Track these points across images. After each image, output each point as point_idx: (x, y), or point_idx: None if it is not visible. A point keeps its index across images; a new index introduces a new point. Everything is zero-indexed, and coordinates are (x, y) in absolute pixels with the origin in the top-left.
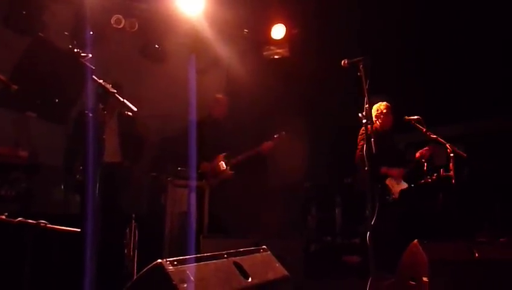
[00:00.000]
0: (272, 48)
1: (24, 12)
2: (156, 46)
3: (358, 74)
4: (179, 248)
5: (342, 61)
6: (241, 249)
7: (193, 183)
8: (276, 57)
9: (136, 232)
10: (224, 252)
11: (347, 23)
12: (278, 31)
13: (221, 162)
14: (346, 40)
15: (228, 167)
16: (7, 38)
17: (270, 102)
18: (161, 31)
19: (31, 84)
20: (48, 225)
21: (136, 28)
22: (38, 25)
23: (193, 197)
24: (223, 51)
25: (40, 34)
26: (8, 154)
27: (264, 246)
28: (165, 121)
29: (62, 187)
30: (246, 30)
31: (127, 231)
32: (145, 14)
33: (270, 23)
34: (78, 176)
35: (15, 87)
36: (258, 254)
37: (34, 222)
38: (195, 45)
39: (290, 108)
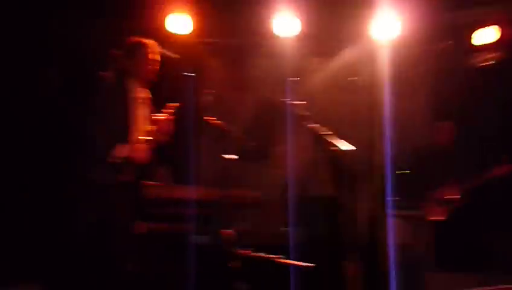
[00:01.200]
0: (480, 54)
1: (239, 72)
2: (353, 78)
3: None
4: (404, 283)
5: None
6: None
7: (413, 213)
8: (487, 63)
9: (358, 266)
10: None
11: None
12: (488, 34)
13: (452, 189)
14: None
15: (460, 195)
16: (232, 98)
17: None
18: (357, 65)
19: (260, 137)
20: (282, 260)
21: (334, 66)
22: (252, 81)
23: (414, 228)
24: (425, 70)
25: (263, 93)
26: (241, 195)
27: (505, 285)
28: (373, 151)
29: (283, 220)
30: (450, 41)
31: (349, 264)
32: (340, 52)
33: (477, 27)
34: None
35: (251, 143)
36: None
37: (270, 256)
38: (393, 71)
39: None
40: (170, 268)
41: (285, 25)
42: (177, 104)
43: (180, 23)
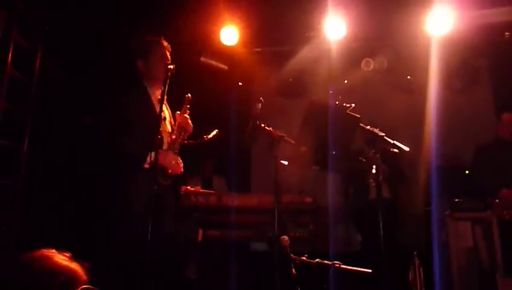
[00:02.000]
0: None
1: (290, 80)
2: (408, 77)
3: None
4: (471, 289)
5: None
6: None
7: (476, 215)
8: None
9: (421, 270)
10: None
11: None
12: None
13: None
14: None
15: None
16: (280, 103)
17: None
18: (409, 62)
19: (313, 142)
20: (342, 266)
21: (385, 66)
22: (302, 87)
23: (478, 230)
24: (483, 62)
25: (312, 97)
26: (297, 202)
27: None
28: (430, 150)
29: (344, 226)
30: (507, 33)
31: (410, 269)
32: (393, 50)
33: None
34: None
35: (304, 148)
36: None
37: (330, 263)
38: (449, 65)
39: None
40: (227, 275)
41: (334, 27)
42: (189, 95)
43: (229, 35)
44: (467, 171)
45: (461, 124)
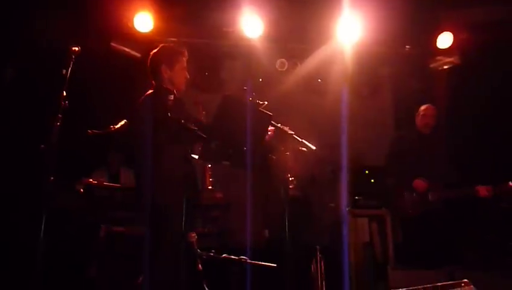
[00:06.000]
0: (439, 58)
1: (206, 73)
2: (319, 80)
3: None
4: (366, 280)
5: None
6: (439, 284)
7: (373, 212)
8: (445, 67)
9: (322, 264)
10: (421, 287)
11: None
12: (445, 40)
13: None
14: None
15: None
16: (195, 97)
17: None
18: (321, 66)
19: (224, 138)
20: (248, 261)
21: (299, 67)
22: (218, 82)
23: (374, 226)
24: (386, 71)
25: (225, 92)
26: (207, 197)
27: (465, 280)
28: (337, 151)
29: (249, 221)
30: (407, 46)
31: (313, 263)
32: (305, 54)
33: (435, 33)
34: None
35: (215, 143)
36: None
37: (237, 258)
38: (356, 72)
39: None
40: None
41: (251, 26)
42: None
43: (144, 22)
44: (366, 172)
45: (365, 128)
